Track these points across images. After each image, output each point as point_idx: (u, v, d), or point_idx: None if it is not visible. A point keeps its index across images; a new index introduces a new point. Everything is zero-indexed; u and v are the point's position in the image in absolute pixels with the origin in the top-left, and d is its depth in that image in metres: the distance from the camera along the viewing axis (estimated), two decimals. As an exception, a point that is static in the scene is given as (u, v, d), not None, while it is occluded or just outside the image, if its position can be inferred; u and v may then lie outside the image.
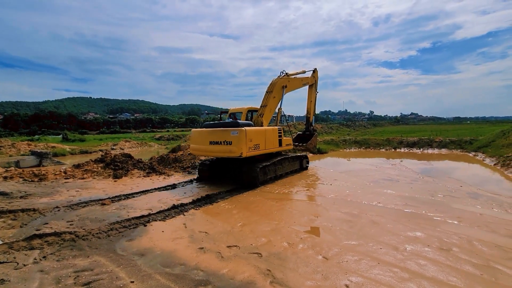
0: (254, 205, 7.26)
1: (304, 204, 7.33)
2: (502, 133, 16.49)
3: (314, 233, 5.25)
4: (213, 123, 10.09)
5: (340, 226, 5.57)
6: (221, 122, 10.23)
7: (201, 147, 9.51)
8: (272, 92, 11.35)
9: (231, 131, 8.67)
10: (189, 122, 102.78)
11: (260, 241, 4.87)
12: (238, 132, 8.53)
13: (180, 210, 6.80)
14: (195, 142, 9.95)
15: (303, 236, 5.10)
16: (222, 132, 8.92)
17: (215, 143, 9.00)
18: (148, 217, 6.18)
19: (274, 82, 11.48)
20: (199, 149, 9.70)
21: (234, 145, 8.52)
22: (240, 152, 8.49)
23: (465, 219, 5.88)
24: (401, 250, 4.46)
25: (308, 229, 5.50)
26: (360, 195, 8.03)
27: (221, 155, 9.05)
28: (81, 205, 7.16)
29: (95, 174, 11.27)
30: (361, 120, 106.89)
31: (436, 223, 5.69)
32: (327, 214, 6.40)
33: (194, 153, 10.24)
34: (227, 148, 8.66)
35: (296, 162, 12.12)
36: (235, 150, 8.51)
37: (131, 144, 30.22)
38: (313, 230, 5.42)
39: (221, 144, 8.81)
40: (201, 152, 9.80)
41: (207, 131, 9.44)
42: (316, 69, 14.47)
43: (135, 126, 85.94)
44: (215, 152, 9.12)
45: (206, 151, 9.37)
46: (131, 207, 7.03)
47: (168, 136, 39.64)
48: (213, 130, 9.26)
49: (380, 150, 20.27)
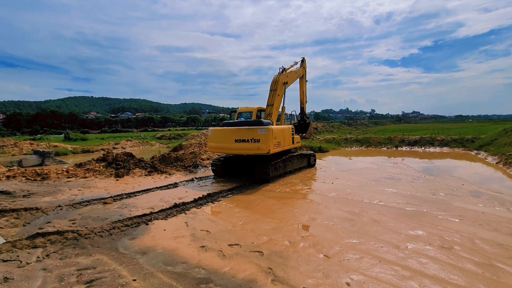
0: (255, 203, 7.28)
1: (305, 202, 7.34)
2: (505, 131, 16.42)
3: (315, 232, 5.26)
4: (234, 122, 10.48)
5: (341, 225, 5.58)
6: (244, 121, 10.57)
7: (225, 145, 9.68)
8: (276, 90, 11.41)
9: (258, 129, 8.99)
10: (190, 121, 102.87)
11: (262, 240, 4.89)
12: (266, 131, 8.89)
13: (181, 209, 6.83)
14: (215, 140, 10.07)
15: (304, 234, 5.11)
16: (249, 130, 9.16)
17: (241, 141, 9.23)
18: (150, 216, 6.21)
19: (276, 80, 11.46)
20: (221, 147, 9.85)
21: (262, 142, 8.87)
22: (268, 149, 8.91)
23: (467, 218, 5.88)
24: (402, 249, 4.46)
25: (309, 227, 5.51)
26: (361, 193, 8.03)
27: (248, 152, 9.30)
28: (84, 204, 7.20)
29: (97, 173, 11.32)
30: (363, 119, 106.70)
31: (438, 221, 5.68)
32: (328, 212, 6.41)
33: (213, 151, 10.49)
34: (255, 145, 8.97)
35: (304, 159, 12.47)
36: (263, 147, 8.86)
37: (132, 143, 30.30)
38: (314, 229, 5.42)
39: (249, 142, 9.09)
40: (223, 150, 9.96)
41: (232, 129, 9.58)
42: (304, 58, 14.15)
43: (137, 125, 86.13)
44: (242, 150, 9.31)
45: (231, 148, 9.55)
46: (133, 206, 7.06)
47: (169, 135, 39.72)
48: (238, 129, 9.42)
49: (382, 149, 20.25)
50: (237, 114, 12.78)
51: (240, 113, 12.86)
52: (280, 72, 11.75)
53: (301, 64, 14.08)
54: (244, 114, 12.79)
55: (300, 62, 14.07)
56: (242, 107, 12.96)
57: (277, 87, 11.34)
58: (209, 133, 10.24)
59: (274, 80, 11.41)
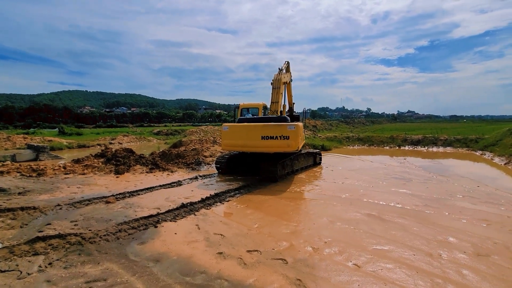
0: (267, 204, 6.92)
1: (320, 204, 7.00)
2: (510, 132, 16.30)
3: (337, 237, 4.92)
4: (255, 118, 10.17)
5: (364, 229, 5.25)
6: (265, 116, 10.22)
7: (247, 143, 9.21)
8: (279, 88, 11.36)
9: (287, 126, 8.69)
10: (186, 117, 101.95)
11: (282, 245, 4.53)
12: (295, 127, 8.63)
13: (190, 210, 6.43)
14: (233, 137, 9.56)
15: (326, 239, 4.77)
16: (278, 127, 8.80)
17: (269, 138, 8.81)
18: (157, 217, 5.80)
19: (278, 78, 11.45)
20: (242, 145, 9.39)
21: (292, 139, 8.57)
22: (297, 147, 8.70)
23: (494, 222, 5.60)
24: (436, 257, 4.15)
25: (331, 231, 5.17)
26: (375, 194, 7.73)
27: (275, 150, 8.95)
28: (84, 203, 6.75)
29: (96, 169, 10.83)
30: (359, 117, 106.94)
31: (464, 226, 5.39)
32: (346, 215, 6.08)
33: (229, 149, 10.05)
34: (285, 143, 8.63)
35: (311, 158, 12.21)
36: (293, 144, 8.59)
37: (129, 138, 29.65)
38: (336, 233, 5.08)
39: (277, 139, 8.71)
40: (244, 148, 9.51)
41: (258, 125, 9.14)
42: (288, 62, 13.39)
43: (132, 120, 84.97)
44: (269, 148, 8.91)
45: (256, 146, 9.09)
46: (137, 205, 6.64)
47: (166, 131, 39.06)
48: (265, 125, 9.01)
49: (384, 148, 20.05)
50: (240, 110, 12.46)
51: (245, 109, 12.55)
52: (280, 71, 11.83)
53: (287, 68, 13.67)
54: (250, 110, 12.52)
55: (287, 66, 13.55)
56: (245, 103, 12.66)
57: (280, 85, 11.35)
58: (225, 129, 9.71)
59: (276, 78, 11.43)
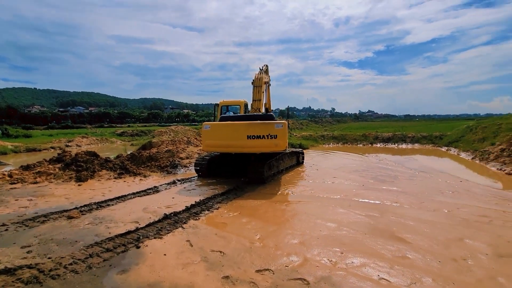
0: (261, 210, 6.24)
1: (317, 207, 6.50)
2: (469, 129, 17.59)
3: (351, 245, 4.42)
4: (239, 116, 9.48)
5: (373, 232, 4.83)
6: (250, 114, 9.63)
7: (232, 143, 8.42)
8: (261, 86, 11.44)
9: (275, 124, 8.08)
10: (151, 117, 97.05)
11: (295, 261, 3.89)
12: (283, 125, 8.05)
13: (175, 221, 5.51)
14: (216, 137, 8.68)
15: (342, 249, 4.24)
16: (264, 125, 8.14)
17: (256, 138, 8.10)
18: (137, 234, 4.82)
19: (260, 77, 11.58)
20: (226, 145, 8.57)
21: (280, 138, 7.99)
22: (285, 146, 8.16)
23: (494, 218, 5.56)
24: (462, 263, 3.83)
25: (342, 239, 4.65)
26: (368, 194, 7.46)
27: (263, 150, 8.32)
28: (39, 220, 5.47)
29: (52, 177, 9.23)
30: (324, 117, 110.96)
31: (474, 225, 5.23)
32: (348, 218, 5.65)
33: (211, 150, 9.23)
34: (272, 142, 8.02)
35: (294, 157, 11.76)
36: (281, 144, 8.03)
37: (89, 140, 26.90)
38: (347, 241, 4.58)
39: (264, 138, 8.05)
40: (229, 149, 8.69)
41: (243, 124, 8.42)
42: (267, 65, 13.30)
43: (91, 120, 78.41)
44: (255, 148, 8.23)
45: (242, 146, 8.32)
46: (109, 219, 5.54)
47: (131, 131, 36.35)
48: (251, 123, 8.30)
49: (358, 145, 20.53)
50: (220, 107, 11.72)
51: (225, 106, 11.83)
52: (261, 71, 11.95)
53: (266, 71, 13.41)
54: (231, 108, 11.94)
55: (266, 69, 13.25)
56: (225, 100, 12.01)
57: (261, 84, 11.44)
58: (206, 129, 8.78)
59: (257, 77, 11.51)
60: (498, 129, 14.45)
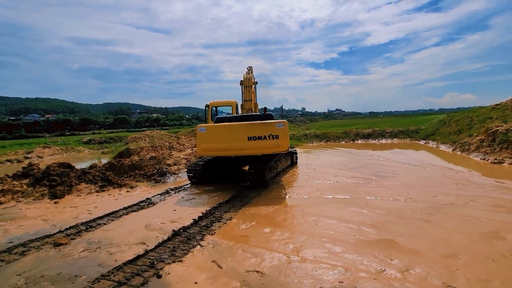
0: (279, 217, 5.74)
1: (334, 209, 6.13)
2: (442, 122, 18.66)
3: (395, 248, 4.09)
4: (236, 117, 8.93)
5: (412, 233, 4.57)
6: (248, 114, 9.18)
7: (231, 145, 7.81)
8: (251, 86, 11.59)
9: (276, 124, 7.63)
10: (118, 123, 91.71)
11: (347, 275, 3.45)
12: (284, 125, 7.66)
13: (187, 238, 4.80)
14: (213, 140, 8.00)
15: (400, 257, 3.83)
16: (265, 125, 7.67)
17: (257, 139, 7.60)
18: (148, 258, 4.06)
19: (249, 77, 11.65)
20: (225, 148, 7.92)
21: (282, 138, 7.59)
22: (287, 146, 7.77)
23: (509, 207, 5.62)
24: None
25: (380, 244, 4.31)
26: (377, 191, 7.29)
27: (265, 152, 7.86)
28: (17, 252, 4.44)
29: (20, 195, 7.87)
30: (296, 116, 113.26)
31: (502, 217, 5.20)
32: (373, 219, 5.36)
33: (208, 154, 8.49)
34: (274, 142, 7.59)
35: (289, 157, 11.39)
36: (283, 144, 7.63)
37: (52, 150, 24.24)
38: (387, 245, 4.25)
39: (266, 139, 7.57)
40: (227, 152, 8.04)
41: (243, 125, 7.87)
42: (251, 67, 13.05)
43: (49, 129, 71.78)
44: (256, 149, 7.71)
45: (242, 149, 7.75)
46: (108, 243, 4.67)
47: (99, 139, 33.65)
48: (251, 124, 7.78)
49: (341, 143, 20.84)
50: (210, 108, 11.10)
51: (215, 107, 11.25)
52: (249, 71, 11.96)
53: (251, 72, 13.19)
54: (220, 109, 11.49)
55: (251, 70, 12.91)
56: (215, 101, 11.47)
57: (251, 84, 11.53)
58: (201, 131, 8.03)
59: (247, 77, 11.54)
60: (470, 121, 15.43)
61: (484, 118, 14.56)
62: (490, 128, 12.15)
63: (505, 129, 11.28)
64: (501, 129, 11.48)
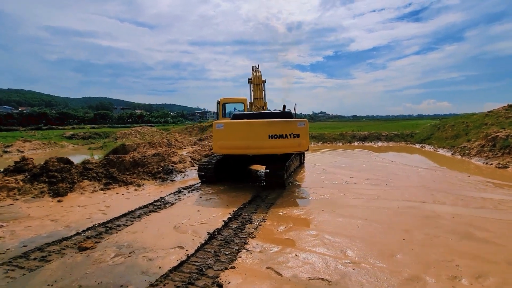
0: (317, 219, 5.44)
1: (372, 212, 5.91)
2: (437, 127, 19.23)
3: (454, 248, 3.94)
4: (252, 114, 8.66)
5: (468, 236, 4.46)
6: (266, 112, 8.87)
7: (250, 143, 7.46)
8: (261, 84, 11.43)
9: (297, 123, 7.42)
10: (99, 118, 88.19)
11: (430, 281, 3.24)
12: (305, 124, 7.49)
13: (226, 242, 4.42)
14: (230, 137, 7.65)
15: (453, 258, 3.71)
16: (286, 123, 7.43)
17: (278, 137, 7.32)
18: (193, 264, 3.65)
19: (258, 75, 11.54)
20: (244, 146, 7.56)
21: (302, 138, 7.42)
22: (308, 146, 7.61)
23: (541, 212, 5.69)
24: None
25: (438, 248, 4.15)
26: (400, 193, 7.15)
27: (286, 151, 7.68)
28: (36, 257, 3.87)
29: (16, 192, 7.09)
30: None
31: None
32: (417, 222, 5.23)
33: (225, 152, 8.07)
34: (296, 141, 7.36)
35: (298, 158, 11.14)
36: (304, 143, 7.47)
37: (33, 144, 22.69)
38: (446, 250, 4.10)
39: (287, 138, 7.33)
40: (247, 150, 7.66)
41: (264, 122, 7.54)
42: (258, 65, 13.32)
43: (23, 122, 67.63)
44: (278, 148, 7.46)
45: (262, 147, 7.44)
46: (140, 246, 4.19)
47: (83, 134, 32.02)
48: (272, 122, 7.48)
49: (337, 144, 20.95)
50: (221, 105, 10.72)
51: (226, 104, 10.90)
52: (257, 69, 11.89)
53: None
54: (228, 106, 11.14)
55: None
56: (226, 98, 11.16)
57: (261, 82, 11.40)
58: (219, 128, 7.62)
59: (256, 75, 11.47)
60: (466, 127, 15.96)
61: (479, 124, 15.09)
62: (489, 133, 12.56)
63: (505, 135, 11.69)
64: (501, 135, 11.89)
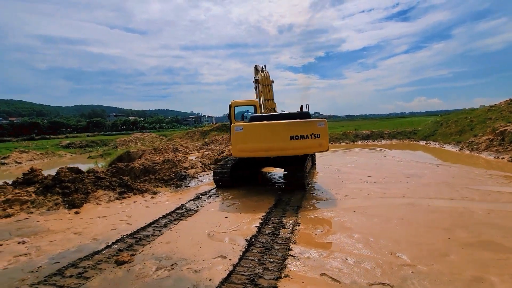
0: (349, 221, 5.29)
1: (407, 212, 5.83)
2: (439, 123, 19.37)
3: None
4: (271, 115, 8.37)
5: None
6: (285, 113, 8.69)
7: (272, 145, 7.33)
8: (270, 85, 11.34)
9: (317, 123, 7.28)
10: (92, 126, 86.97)
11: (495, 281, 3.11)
12: (324, 124, 7.33)
13: (266, 249, 4.23)
14: (250, 140, 7.45)
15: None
16: (307, 124, 7.32)
17: (299, 138, 7.21)
18: (242, 274, 3.46)
19: (267, 76, 11.45)
20: (266, 149, 7.41)
21: (323, 138, 7.28)
22: (328, 146, 7.45)
23: None
24: None
25: (490, 246, 4.05)
26: (428, 192, 7.05)
27: (308, 152, 7.66)
28: (72, 274, 3.63)
29: (29, 205, 6.77)
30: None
31: None
32: (473, 219, 5.13)
33: (246, 155, 7.77)
34: (316, 142, 7.25)
35: (311, 158, 11.01)
36: (324, 143, 7.32)
37: (30, 155, 22.09)
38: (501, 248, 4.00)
39: (308, 138, 7.21)
40: (268, 152, 7.51)
41: (285, 123, 7.41)
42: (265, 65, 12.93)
43: (14, 133, 66.15)
44: (299, 149, 7.34)
45: (283, 149, 7.30)
46: (180, 258, 3.98)
47: (80, 142, 31.38)
48: (292, 123, 7.37)
49: (341, 144, 20.94)
50: (233, 107, 10.56)
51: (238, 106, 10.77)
52: (263, 70, 11.83)
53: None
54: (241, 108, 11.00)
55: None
56: (237, 100, 11.03)
57: (269, 83, 11.33)
58: (238, 131, 7.42)
59: (265, 76, 11.38)
60: (470, 122, 16.10)
61: (484, 119, 15.23)
62: (497, 128, 12.65)
63: (513, 129, 11.76)
64: (509, 129, 11.98)
